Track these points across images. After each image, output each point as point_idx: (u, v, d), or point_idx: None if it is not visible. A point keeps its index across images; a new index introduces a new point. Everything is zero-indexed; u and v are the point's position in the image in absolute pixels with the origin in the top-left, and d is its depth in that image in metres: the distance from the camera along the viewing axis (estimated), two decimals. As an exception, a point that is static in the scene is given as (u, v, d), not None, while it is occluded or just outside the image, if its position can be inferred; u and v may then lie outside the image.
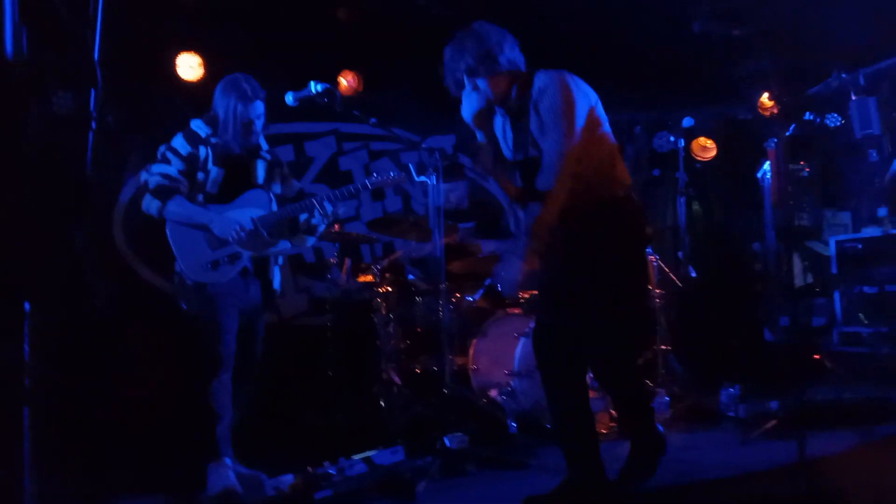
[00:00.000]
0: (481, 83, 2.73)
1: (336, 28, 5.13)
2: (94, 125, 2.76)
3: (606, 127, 2.76)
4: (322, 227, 3.40)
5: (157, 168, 3.15)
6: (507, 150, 2.83)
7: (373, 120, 3.54)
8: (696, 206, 6.36)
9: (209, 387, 3.04)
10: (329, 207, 3.25)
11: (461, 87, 2.78)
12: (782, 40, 5.30)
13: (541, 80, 2.69)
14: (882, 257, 5.16)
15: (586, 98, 2.69)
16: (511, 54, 2.76)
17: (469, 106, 2.76)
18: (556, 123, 2.61)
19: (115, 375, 3.69)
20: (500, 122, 2.84)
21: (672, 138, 5.53)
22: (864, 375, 4.75)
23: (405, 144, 5.73)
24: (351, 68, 5.47)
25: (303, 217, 3.31)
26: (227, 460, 3.05)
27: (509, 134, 2.83)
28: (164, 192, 3.12)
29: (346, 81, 5.46)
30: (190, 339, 3.20)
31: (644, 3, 4.85)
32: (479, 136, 2.78)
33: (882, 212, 5.55)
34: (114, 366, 3.71)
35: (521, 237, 2.72)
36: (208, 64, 4.96)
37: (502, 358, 4.00)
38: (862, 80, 5.47)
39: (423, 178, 3.98)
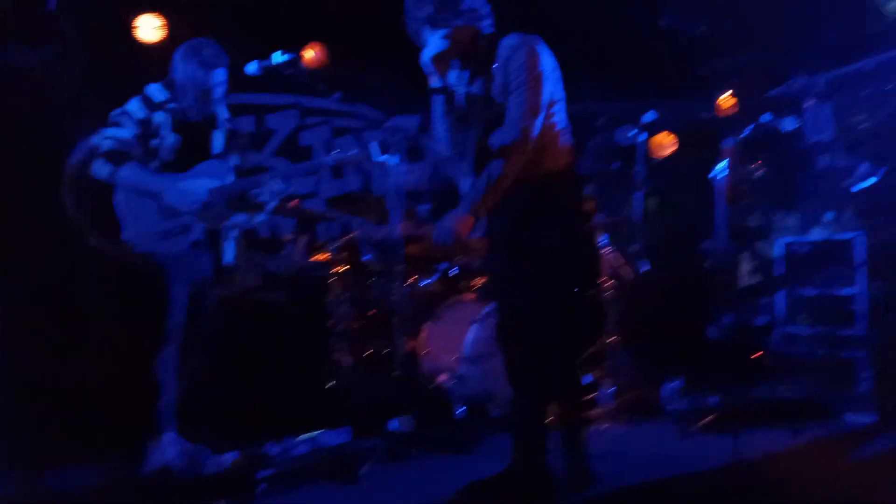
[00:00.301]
0: (442, 34, 2.62)
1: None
2: (50, 82, 2.65)
3: (563, 105, 2.75)
4: (273, 204, 3.34)
5: (110, 132, 3.06)
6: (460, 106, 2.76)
7: (337, 95, 3.48)
8: (651, 201, 6.45)
9: (155, 359, 2.99)
10: (281, 185, 3.19)
11: (421, 38, 2.66)
12: (747, 40, 5.37)
13: (513, 39, 2.64)
14: (825, 260, 5.31)
15: (553, 70, 2.69)
16: (475, 3, 2.67)
17: (430, 49, 2.64)
18: (525, 83, 2.58)
19: (59, 344, 3.60)
20: (454, 77, 2.76)
21: (633, 132, 5.58)
22: (801, 375, 4.91)
23: (368, 122, 5.68)
24: (317, 40, 5.36)
25: (254, 192, 3.25)
26: (170, 434, 3.02)
27: (462, 90, 2.75)
28: (117, 157, 3.03)
29: (311, 53, 5.36)
30: (137, 310, 3.14)
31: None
32: (437, 81, 2.68)
33: (829, 216, 5.70)
34: (57, 334, 3.61)
35: (471, 190, 2.65)
36: (169, 26, 4.81)
37: (453, 343, 4.01)
38: (823, 85, 5.58)
39: (384, 158, 3.95)
